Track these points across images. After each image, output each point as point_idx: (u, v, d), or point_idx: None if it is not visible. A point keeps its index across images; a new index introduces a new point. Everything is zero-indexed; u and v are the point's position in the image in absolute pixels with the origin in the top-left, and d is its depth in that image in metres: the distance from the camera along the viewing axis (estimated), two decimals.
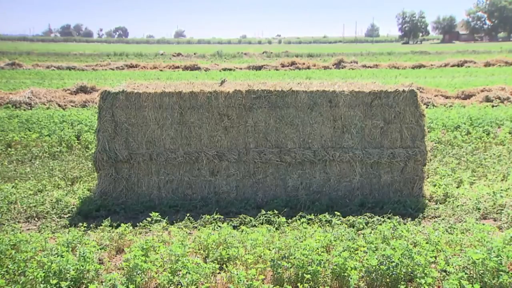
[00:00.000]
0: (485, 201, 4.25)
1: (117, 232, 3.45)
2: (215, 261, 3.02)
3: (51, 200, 4.31)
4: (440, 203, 4.32)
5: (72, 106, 9.67)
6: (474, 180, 4.92)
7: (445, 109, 8.91)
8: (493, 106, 9.46)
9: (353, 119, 4.41)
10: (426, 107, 8.88)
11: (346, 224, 3.68)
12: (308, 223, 3.68)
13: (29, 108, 9.28)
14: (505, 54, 26.07)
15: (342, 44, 77.62)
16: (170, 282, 2.71)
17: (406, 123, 4.44)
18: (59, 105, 9.64)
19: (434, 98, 10.05)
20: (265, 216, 3.77)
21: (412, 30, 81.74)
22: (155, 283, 2.83)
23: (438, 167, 5.33)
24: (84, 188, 4.71)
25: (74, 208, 4.18)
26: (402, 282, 2.69)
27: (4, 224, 3.79)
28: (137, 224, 3.72)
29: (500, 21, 73.15)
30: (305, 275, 2.73)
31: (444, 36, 79.98)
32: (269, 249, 3.09)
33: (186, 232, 3.49)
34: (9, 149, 6.16)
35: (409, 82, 12.25)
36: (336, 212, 3.82)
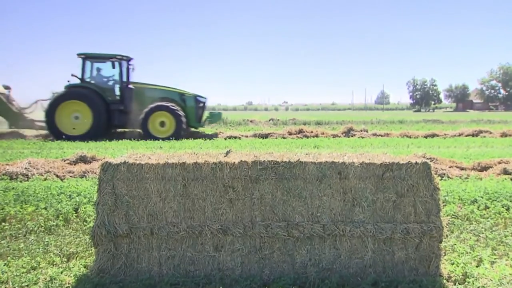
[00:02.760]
0: (508, 283, 4.18)
1: None
2: None
3: (45, 279, 4.27)
4: (459, 284, 4.25)
5: (70, 176, 9.77)
6: (495, 259, 4.86)
7: (460, 181, 8.92)
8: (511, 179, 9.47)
9: (364, 192, 4.45)
10: (441, 179, 8.91)
11: None
12: None
13: (26, 179, 9.37)
14: None
15: (351, 111, 78.79)
16: None
17: (420, 196, 4.46)
18: (57, 176, 9.74)
19: (449, 169, 10.09)
20: None
21: (423, 98, 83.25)
22: None
23: (455, 244, 5.28)
24: (81, 264, 4.69)
25: (69, 287, 4.15)
26: None
27: None
28: None
29: None
30: None
31: (457, 104, 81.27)
32: None
33: None
34: (3, 223, 6.18)
35: (422, 153, 12.33)
36: None
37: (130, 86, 20.47)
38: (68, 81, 20.48)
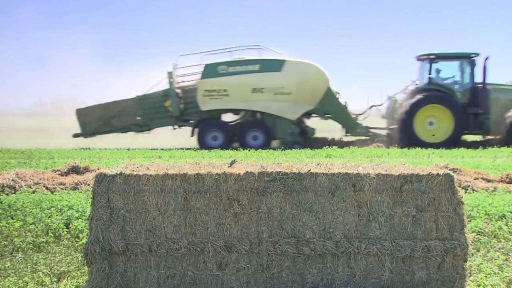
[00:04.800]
0: None
1: None
2: None
3: None
4: None
5: (62, 188, 9.81)
6: None
7: (487, 195, 8.87)
8: None
9: (381, 206, 4.45)
10: (465, 192, 8.87)
11: None
12: None
13: (13, 192, 9.41)
14: None
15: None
16: None
17: (442, 211, 4.46)
18: (47, 188, 9.78)
19: (474, 181, 10.05)
20: None
21: None
22: None
23: (481, 264, 5.25)
24: (72, 285, 4.70)
25: None
26: None
27: None
28: None
29: None
30: None
31: None
32: None
33: None
34: None
35: (444, 163, 12.30)
36: None
37: (487, 87, 20.16)
38: (416, 85, 20.69)
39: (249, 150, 17.71)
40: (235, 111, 21.40)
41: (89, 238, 4.47)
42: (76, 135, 21.31)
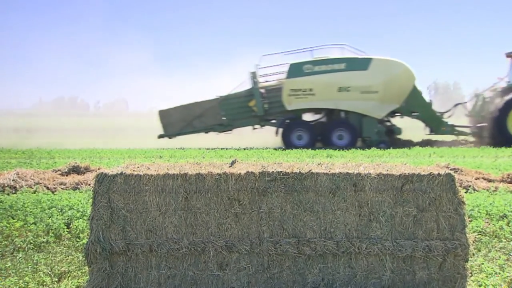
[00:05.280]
0: None
1: None
2: None
3: None
4: None
5: (62, 188, 9.82)
6: None
7: (488, 195, 8.87)
8: None
9: (382, 206, 4.45)
10: (466, 192, 8.87)
11: None
12: None
13: (14, 192, 9.43)
14: None
15: None
16: None
17: (443, 211, 4.45)
18: (48, 188, 9.79)
19: (475, 181, 10.05)
20: None
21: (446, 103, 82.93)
22: None
23: (483, 264, 5.25)
24: (73, 285, 4.71)
25: None
26: None
27: None
28: None
29: None
30: None
31: None
32: None
33: None
34: None
35: (445, 163, 12.28)
36: None
37: None
38: (508, 82, 20.59)
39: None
40: (316, 111, 21.42)
41: (89, 238, 4.47)
42: (161, 136, 21.61)
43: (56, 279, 4.95)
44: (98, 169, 10.08)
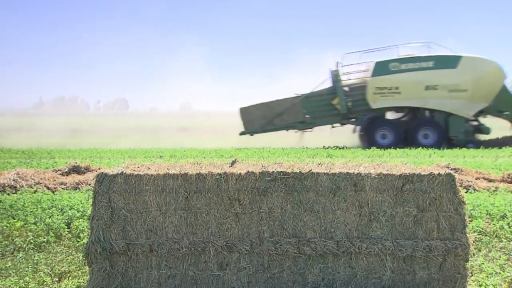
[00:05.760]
0: None
1: None
2: None
3: None
4: None
5: (62, 188, 9.83)
6: None
7: (488, 194, 8.87)
8: None
9: (382, 206, 4.45)
10: (466, 191, 8.87)
11: None
12: None
13: (14, 192, 9.43)
14: None
15: None
16: None
17: (443, 211, 4.45)
18: (48, 188, 9.80)
19: (475, 181, 10.05)
20: None
21: None
22: None
23: (483, 264, 5.25)
24: (73, 285, 4.71)
25: None
26: None
27: None
28: None
29: None
30: None
31: None
32: None
33: None
34: None
35: (446, 163, 12.27)
36: None
37: None
38: None
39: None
40: (398, 109, 21.23)
41: (90, 238, 4.47)
42: (242, 133, 21.69)
43: (57, 279, 4.95)
44: (99, 169, 10.08)
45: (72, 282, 4.81)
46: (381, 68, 19.97)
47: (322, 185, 4.47)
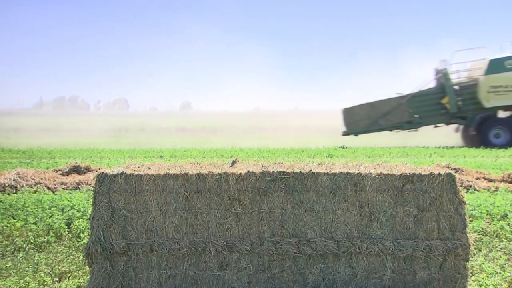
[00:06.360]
0: None
1: None
2: None
3: None
4: None
5: (63, 188, 9.84)
6: None
7: (489, 194, 8.88)
8: None
9: (382, 206, 4.45)
10: (467, 191, 8.88)
11: None
12: None
13: (14, 191, 9.44)
14: None
15: None
16: None
17: (443, 211, 4.45)
18: (48, 188, 9.80)
19: (476, 181, 10.05)
20: None
21: None
22: None
23: (483, 263, 5.24)
24: (74, 285, 4.71)
25: None
26: None
27: None
28: None
29: None
30: None
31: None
32: None
33: None
34: None
35: (446, 163, 12.26)
36: None
37: None
38: None
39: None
40: (507, 108, 20.55)
41: (90, 238, 4.48)
42: (345, 133, 21.55)
43: (57, 279, 4.95)
44: (99, 169, 10.10)
45: (72, 282, 4.80)
46: (496, 66, 19.54)
47: (323, 185, 4.46)
